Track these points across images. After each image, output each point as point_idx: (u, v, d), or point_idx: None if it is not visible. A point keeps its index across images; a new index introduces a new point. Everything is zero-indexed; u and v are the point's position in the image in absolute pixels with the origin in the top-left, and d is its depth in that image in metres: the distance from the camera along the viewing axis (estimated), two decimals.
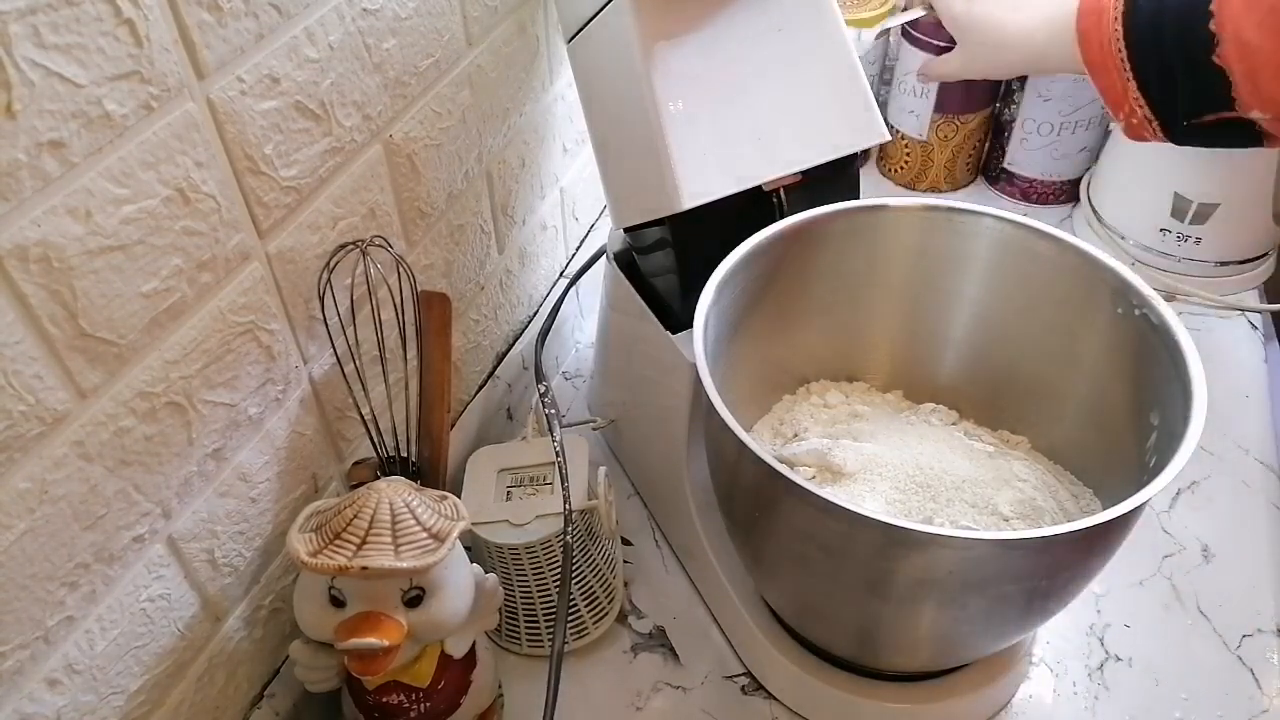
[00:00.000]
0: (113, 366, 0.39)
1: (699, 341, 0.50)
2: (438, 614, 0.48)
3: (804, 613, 0.56)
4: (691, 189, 0.57)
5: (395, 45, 0.53)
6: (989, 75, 0.76)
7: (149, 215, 0.39)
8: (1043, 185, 0.95)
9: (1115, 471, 0.54)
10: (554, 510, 0.59)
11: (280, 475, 0.52)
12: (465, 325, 0.70)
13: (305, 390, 0.52)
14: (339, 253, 0.51)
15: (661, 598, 0.67)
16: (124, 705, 0.44)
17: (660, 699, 0.61)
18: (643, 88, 0.56)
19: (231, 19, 0.41)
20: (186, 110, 0.40)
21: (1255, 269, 0.85)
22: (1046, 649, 0.62)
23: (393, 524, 0.46)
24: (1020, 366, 0.61)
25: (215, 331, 0.45)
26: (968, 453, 0.59)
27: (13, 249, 0.34)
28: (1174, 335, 0.49)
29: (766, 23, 0.59)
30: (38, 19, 0.33)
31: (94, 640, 0.42)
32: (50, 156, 0.35)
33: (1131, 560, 0.67)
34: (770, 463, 0.44)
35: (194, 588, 0.47)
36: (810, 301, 0.63)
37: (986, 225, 0.59)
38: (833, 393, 0.66)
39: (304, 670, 0.51)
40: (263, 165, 0.45)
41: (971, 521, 0.53)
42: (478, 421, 0.72)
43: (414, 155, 0.57)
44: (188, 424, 0.44)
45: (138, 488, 0.42)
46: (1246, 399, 0.77)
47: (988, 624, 0.49)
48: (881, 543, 0.45)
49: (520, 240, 0.75)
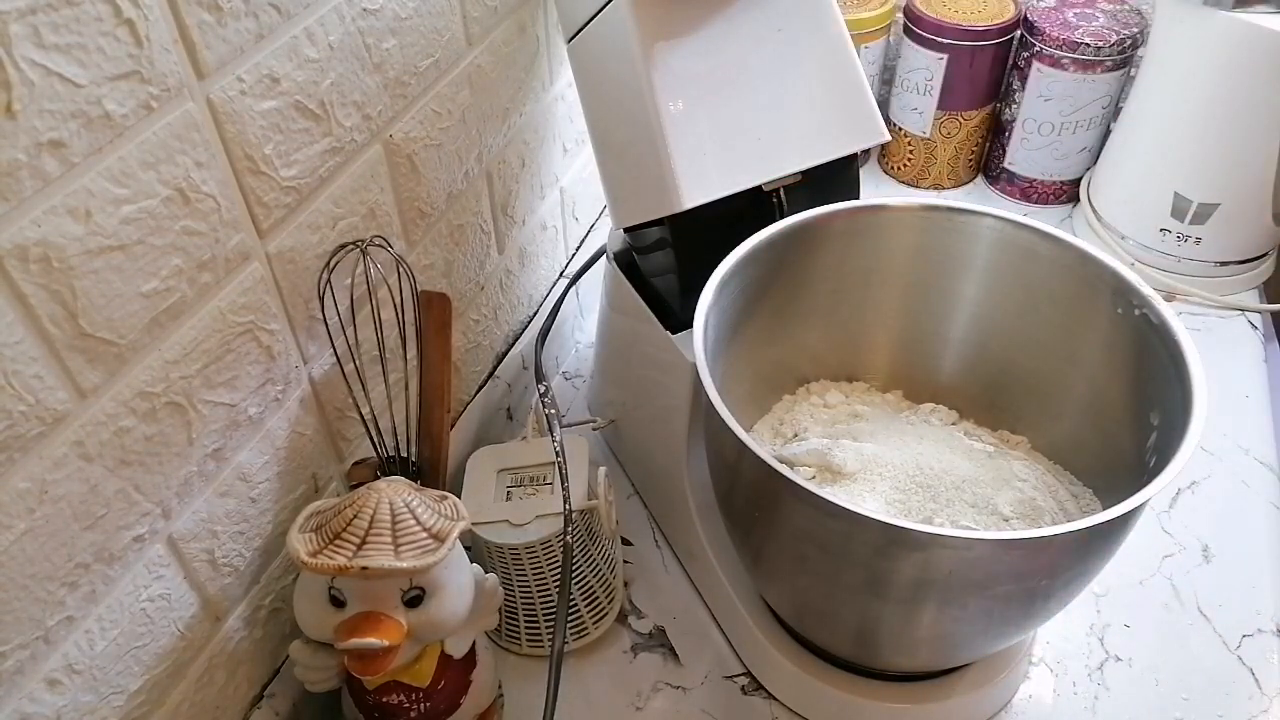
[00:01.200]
0: (113, 366, 0.39)
1: (699, 341, 0.50)
2: (438, 614, 0.48)
3: (804, 613, 0.56)
4: (691, 189, 0.57)
5: (395, 45, 0.53)
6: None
7: (149, 215, 0.39)
8: (1043, 185, 0.95)
9: (1115, 471, 0.54)
10: (554, 510, 0.59)
11: (280, 475, 0.52)
12: (465, 325, 0.70)
13: (305, 390, 0.52)
14: (339, 253, 0.51)
15: (661, 598, 0.67)
16: (124, 705, 0.44)
17: (660, 699, 0.61)
18: (643, 88, 0.56)
19: (231, 19, 0.41)
20: (186, 110, 0.40)
21: (1255, 269, 0.85)
22: (1046, 649, 0.62)
23: (393, 524, 0.46)
24: (1020, 366, 0.61)
25: (215, 331, 0.45)
26: (968, 453, 0.59)
27: (13, 249, 0.34)
28: (1174, 335, 0.49)
29: (766, 23, 0.59)
30: (38, 19, 0.33)
31: (94, 640, 0.42)
32: (50, 156, 0.35)
33: (1131, 560, 0.67)
34: (770, 463, 0.44)
35: (194, 588, 0.47)
36: (810, 301, 0.63)
37: (987, 225, 0.59)
38: (833, 393, 0.66)
39: (304, 670, 0.51)
40: (263, 165, 0.45)
41: (971, 521, 0.53)
42: (478, 421, 0.72)
43: (414, 155, 0.57)
44: (188, 424, 0.44)
45: (138, 488, 0.42)
46: (1246, 399, 0.77)
47: (987, 624, 0.49)
48: (881, 543, 0.44)
49: (520, 240, 0.75)
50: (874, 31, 0.92)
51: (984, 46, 0.88)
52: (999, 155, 0.96)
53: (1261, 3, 0.72)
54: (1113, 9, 0.87)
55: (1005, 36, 0.88)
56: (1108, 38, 0.84)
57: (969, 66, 0.89)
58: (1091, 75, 0.85)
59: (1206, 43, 0.75)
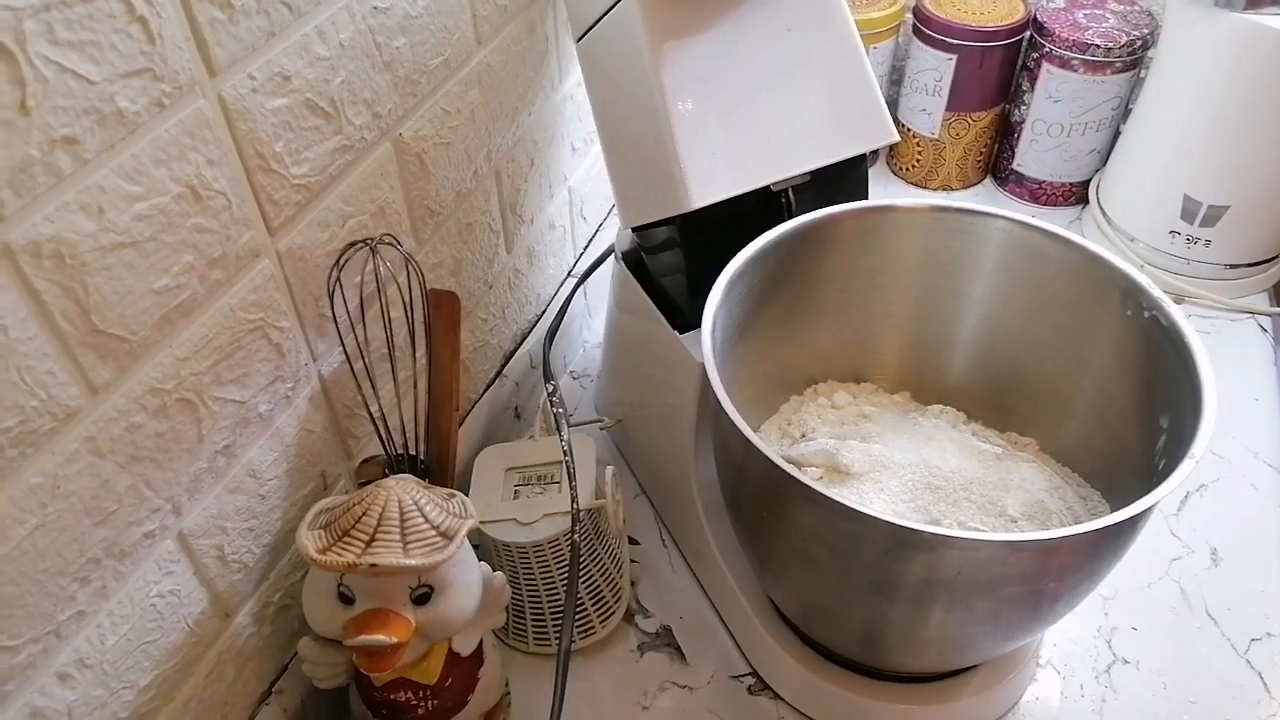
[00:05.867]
0: (124, 363, 0.40)
1: (707, 341, 0.50)
2: (446, 612, 0.48)
3: (811, 613, 0.56)
4: (700, 189, 0.57)
5: (405, 43, 0.53)
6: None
7: (161, 212, 0.39)
8: (1052, 187, 0.94)
9: (1124, 474, 0.54)
10: (561, 509, 0.59)
11: (289, 472, 0.52)
12: (473, 324, 0.70)
13: (314, 388, 0.53)
14: (348, 250, 0.51)
15: (668, 597, 0.67)
16: (134, 700, 0.45)
17: (667, 698, 0.61)
18: (652, 87, 0.56)
19: (243, 16, 0.41)
20: (198, 108, 0.40)
21: (1265, 272, 0.85)
22: (1054, 651, 0.62)
23: (401, 522, 0.46)
24: (1029, 368, 0.61)
25: (226, 328, 0.45)
26: (976, 454, 0.59)
27: (26, 245, 0.34)
28: (1183, 338, 0.49)
29: (776, 23, 0.59)
30: (51, 16, 0.33)
31: (105, 635, 0.42)
32: (63, 153, 0.35)
33: (1139, 563, 0.67)
34: (778, 463, 0.44)
35: (203, 584, 0.48)
36: (818, 302, 0.63)
37: (996, 227, 0.59)
38: (840, 393, 0.66)
39: (312, 666, 0.51)
40: (273, 163, 0.45)
41: (979, 523, 0.53)
42: (486, 420, 0.73)
43: (423, 154, 0.57)
44: (198, 420, 0.44)
45: (148, 484, 0.42)
46: (1256, 402, 0.77)
47: (995, 626, 0.49)
48: (889, 544, 0.44)
49: (529, 239, 0.76)
50: (883, 32, 0.91)
51: (993, 47, 0.88)
52: (1008, 156, 0.96)
53: (1273, 4, 0.72)
54: (1123, 10, 0.87)
55: (1015, 37, 0.88)
56: (1118, 39, 0.83)
57: (978, 67, 0.89)
58: (1101, 76, 0.85)
59: (1217, 44, 0.75)
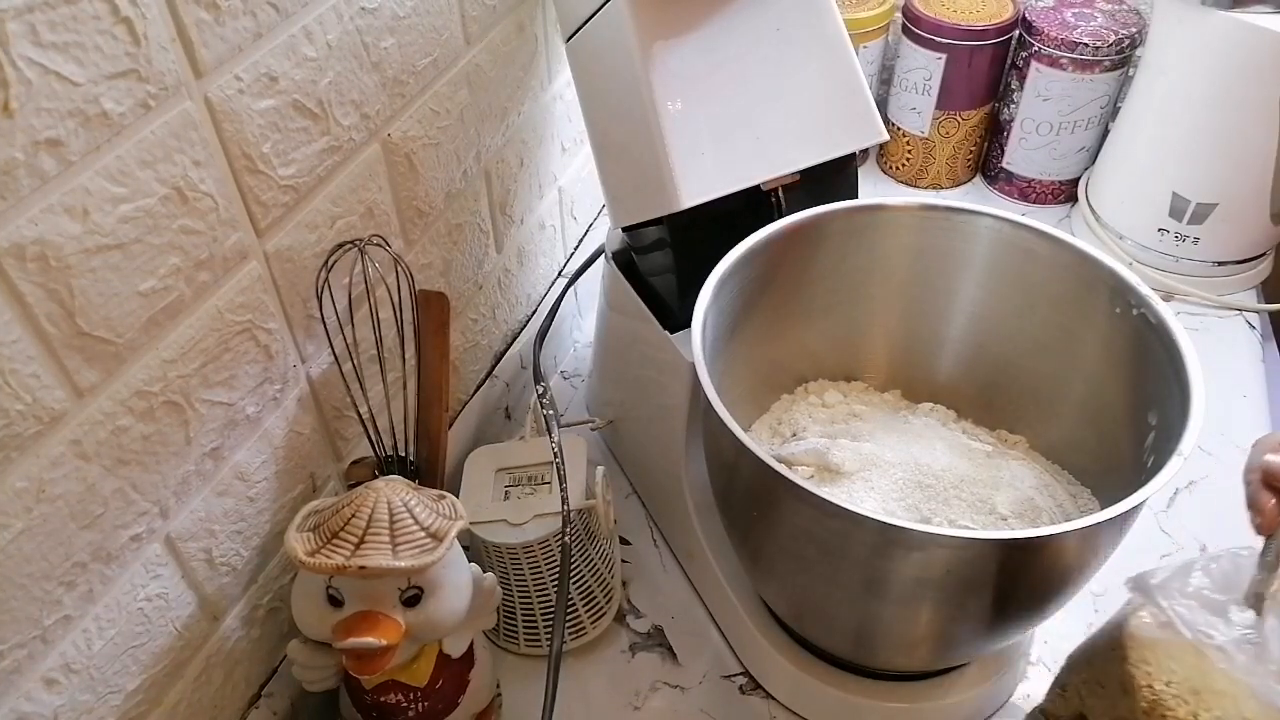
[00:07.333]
0: (110, 365, 0.39)
1: (697, 341, 0.50)
2: (436, 613, 0.48)
3: (802, 612, 0.56)
4: (690, 188, 0.57)
5: (393, 44, 0.53)
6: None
7: (146, 214, 0.39)
8: (1041, 185, 0.95)
9: (1113, 471, 0.54)
10: (552, 510, 0.59)
11: (278, 474, 0.52)
12: (463, 324, 0.70)
13: (303, 389, 0.52)
14: (337, 252, 0.51)
15: (660, 597, 0.67)
16: (121, 705, 0.44)
17: (658, 698, 0.61)
18: (641, 87, 0.56)
19: (229, 17, 0.41)
20: (184, 109, 0.40)
21: (1253, 269, 0.86)
22: (1044, 649, 0.62)
23: (391, 523, 0.46)
24: (1018, 366, 0.61)
25: (213, 330, 0.45)
26: (965, 452, 0.59)
27: (10, 248, 0.34)
28: (1172, 335, 0.49)
29: (765, 22, 0.59)
30: (35, 17, 0.33)
31: (91, 640, 0.42)
32: (48, 155, 0.35)
33: (1129, 559, 0.67)
34: (768, 462, 0.44)
35: (191, 587, 0.47)
36: (808, 301, 0.63)
37: (985, 225, 0.59)
38: (831, 392, 0.66)
39: (302, 669, 0.51)
40: (260, 164, 0.45)
41: (969, 521, 0.53)
42: (476, 421, 0.72)
43: (412, 154, 0.57)
44: (185, 423, 0.44)
45: (135, 487, 0.42)
46: (1244, 398, 0.77)
47: (985, 623, 0.49)
48: (879, 542, 0.45)
49: (519, 240, 0.75)
50: (872, 31, 0.92)
51: (982, 46, 0.88)
52: (997, 155, 0.96)
53: (1259, 2, 0.72)
54: (1111, 9, 0.87)
55: (1004, 36, 0.88)
56: (1106, 38, 0.84)
57: (967, 66, 0.89)
58: (1090, 75, 0.85)
59: (1205, 43, 0.75)
